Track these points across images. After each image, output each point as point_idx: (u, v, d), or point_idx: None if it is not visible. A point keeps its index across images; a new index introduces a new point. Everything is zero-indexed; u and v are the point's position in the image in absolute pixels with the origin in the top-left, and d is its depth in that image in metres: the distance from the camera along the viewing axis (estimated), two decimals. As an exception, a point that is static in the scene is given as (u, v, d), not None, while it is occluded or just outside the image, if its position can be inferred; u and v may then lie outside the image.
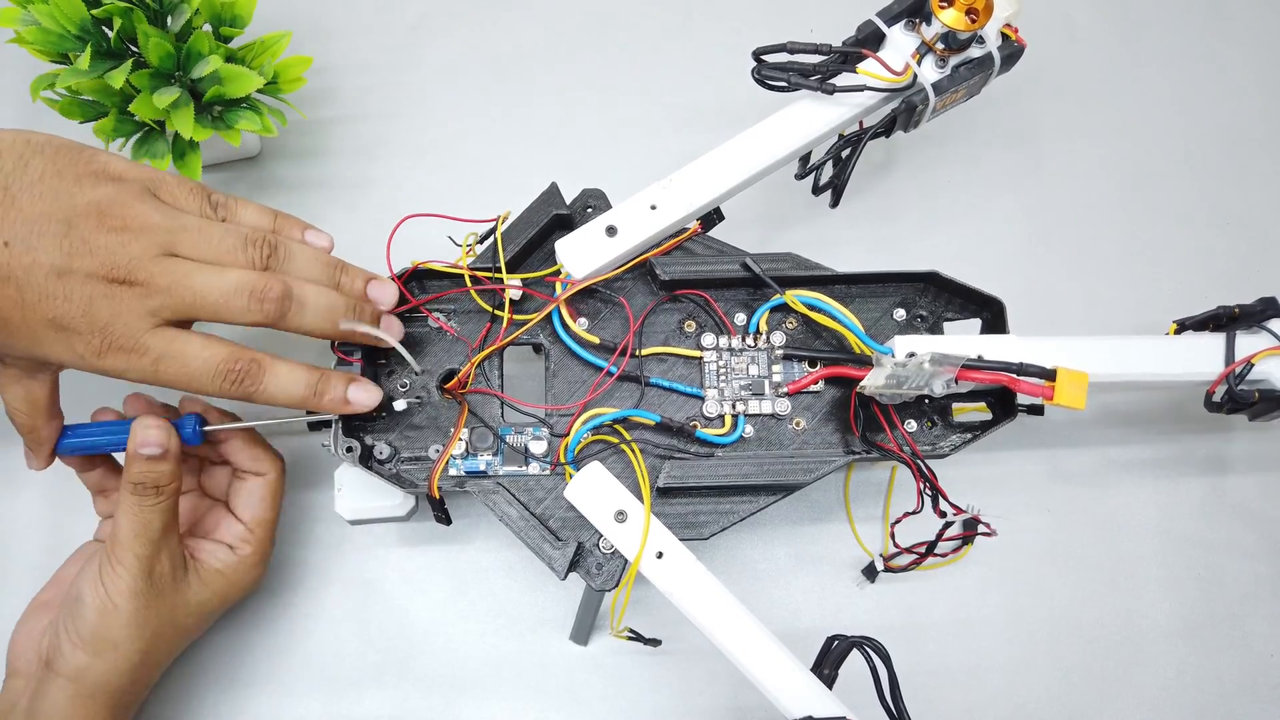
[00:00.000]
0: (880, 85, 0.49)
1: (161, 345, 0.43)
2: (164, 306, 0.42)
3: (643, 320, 0.50)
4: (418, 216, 0.49)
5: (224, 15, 0.54)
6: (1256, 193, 0.63)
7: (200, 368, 0.43)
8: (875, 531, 0.56)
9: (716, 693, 0.52)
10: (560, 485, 0.47)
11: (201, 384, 0.43)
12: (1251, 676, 0.54)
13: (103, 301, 0.41)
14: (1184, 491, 0.57)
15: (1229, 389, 0.49)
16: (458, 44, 0.65)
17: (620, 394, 0.49)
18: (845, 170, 0.52)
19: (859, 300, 0.50)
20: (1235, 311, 0.50)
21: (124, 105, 0.52)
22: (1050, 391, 0.43)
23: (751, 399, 0.49)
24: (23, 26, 0.51)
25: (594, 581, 0.45)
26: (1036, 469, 0.57)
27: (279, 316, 0.44)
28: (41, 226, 0.41)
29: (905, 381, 0.44)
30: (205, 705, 0.52)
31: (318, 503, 0.55)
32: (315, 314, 0.45)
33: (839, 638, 0.43)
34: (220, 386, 0.44)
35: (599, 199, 0.50)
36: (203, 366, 0.43)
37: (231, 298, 0.43)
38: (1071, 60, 0.66)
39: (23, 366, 0.45)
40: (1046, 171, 0.64)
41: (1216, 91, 0.66)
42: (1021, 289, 0.53)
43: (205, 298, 0.43)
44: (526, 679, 0.53)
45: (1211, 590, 0.55)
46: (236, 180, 0.61)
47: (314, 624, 0.53)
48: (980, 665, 0.54)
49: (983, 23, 0.48)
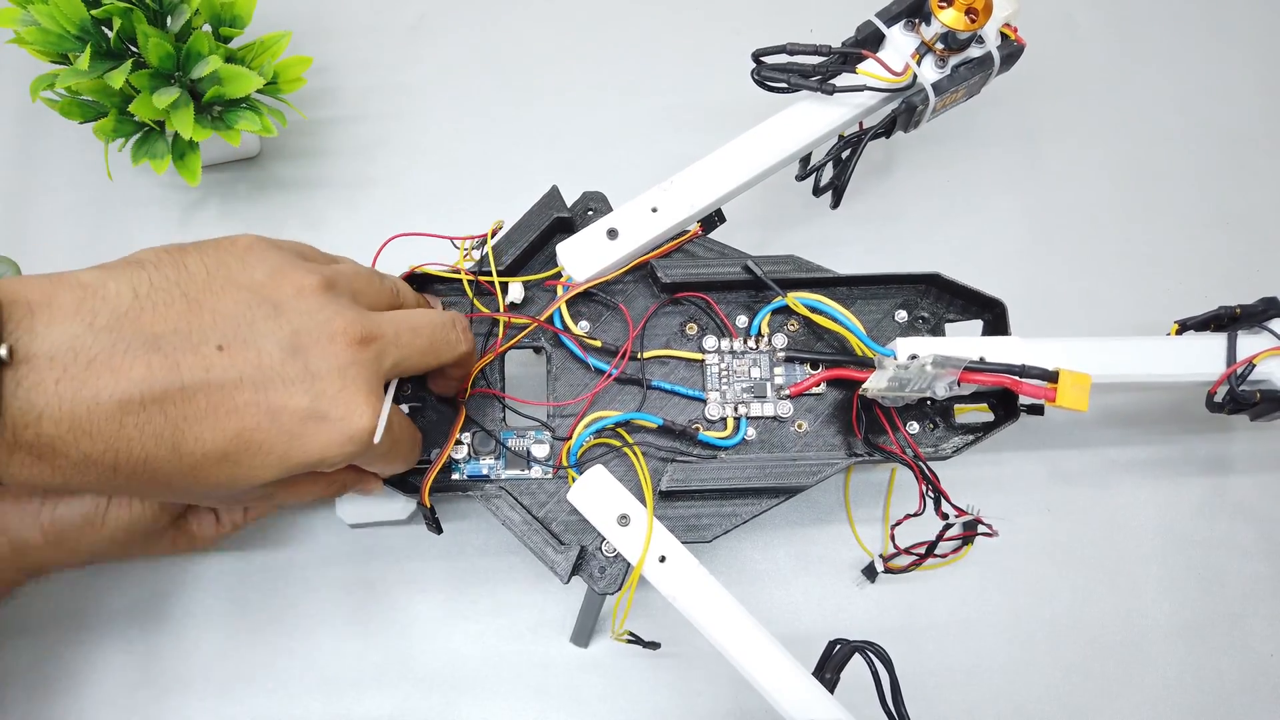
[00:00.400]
0: (880, 86, 0.49)
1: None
2: (398, 363, 0.39)
3: (644, 323, 0.49)
4: (404, 236, 0.48)
5: (224, 15, 0.53)
6: (1257, 193, 0.63)
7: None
8: (875, 532, 0.56)
9: (717, 695, 0.52)
10: (563, 489, 0.47)
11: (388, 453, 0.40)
12: (1251, 676, 0.54)
13: (352, 370, 0.36)
14: (1185, 491, 0.57)
15: (1230, 389, 0.49)
16: (458, 44, 0.65)
17: (622, 397, 0.49)
18: (846, 171, 0.52)
19: (860, 302, 0.50)
20: (1237, 312, 0.51)
21: (124, 105, 0.52)
22: (1052, 393, 0.43)
23: (753, 401, 0.49)
24: (22, 27, 0.51)
25: (597, 586, 0.45)
26: (1037, 469, 0.57)
27: (473, 343, 0.43)
28: (247, 314, 0.36)
29: (907, 384, 0.44)
30: (205, 705, 0.52)
31: (318, 503, 0.55)
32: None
33: (840, 642, 0.43)
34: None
35: (600, 201, 0.50)
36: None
37: (445, 331, 0.41)
38: (1071, 60, 0.66)
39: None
40: (1047, 171, 0.64)
41: (1216, 91, 0.66)
42: (1022, 289, 0.53)
43: (419, 335, 0.40)
44: (526, 680, 0.53)
45: (1212, 590, 0.55)
46: (236, 180, 0.61)
47: (314, 624, 0.53)
48: (980, 665, 0.54)
49: (982, 22, 0.48)
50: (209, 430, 0.34)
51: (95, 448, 0.32)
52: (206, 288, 0.35)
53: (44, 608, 0.52)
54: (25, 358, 0.31)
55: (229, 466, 0.35)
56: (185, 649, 0.52)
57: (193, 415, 0.34)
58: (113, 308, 0.33)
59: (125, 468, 0.33)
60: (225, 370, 0.34)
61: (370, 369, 0.37)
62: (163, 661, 0.52)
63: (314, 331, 0.36)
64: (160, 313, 0.34)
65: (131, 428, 0.33)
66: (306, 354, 0.36)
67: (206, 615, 0.53)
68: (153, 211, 0.60)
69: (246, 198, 0.61)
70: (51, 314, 0.32)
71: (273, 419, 0.35)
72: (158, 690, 0.51)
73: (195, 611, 0.53)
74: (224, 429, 0.34)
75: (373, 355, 0.37)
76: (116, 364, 0.32)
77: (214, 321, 0.35)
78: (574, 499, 0.45)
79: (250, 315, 0.35)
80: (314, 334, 0.36)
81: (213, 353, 0.34)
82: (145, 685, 0.52)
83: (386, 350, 0.38)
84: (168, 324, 0.34)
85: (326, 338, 0.36)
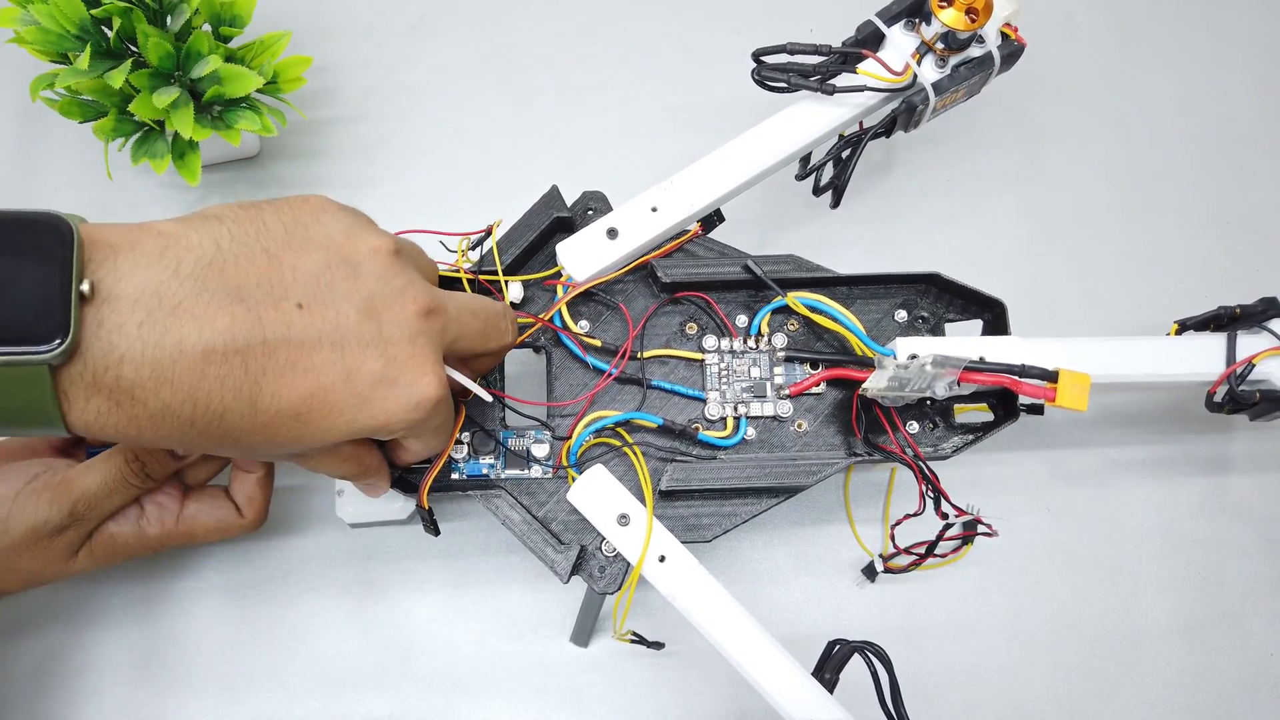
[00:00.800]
0: (880, 85, 0.49)
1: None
2: (456, 339, 0.39)
3: (644, 323, 0.49)
4: (403, 234, 0.48)
5: (224, 15, 0.53)
6: (1256, 193, 0.63)
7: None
8: (875, 532, 0.56)
9: (717, 695, 0.52)
10: (563, 488, 0.47)
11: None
12: (1251, 676, 0.54)
13: (421, 339, 0.36)
14: (1185, 491, 0.57)
15: (1230, 389, 0.49)
16: (458, 44, 0.65)
17: (622, 397, 0.49)
18: (846, 171, 0.52)
19: (860, 302, 0.50)
20: (1236, 312, 0.51)
21: (123, 105, 0.52)
22: (1052, 393, 0.43)
23: (753, 401, 0.49)
24: (22, 26, 0.51)
25: (597, 585, 0.45)
26: (1037, 469, 0.57)
27: (516, 338, 0.43)
28: (326, 274, 0.35)
29: (907, 384, 0.44)
30: (205, 705, 0.52)
31: (318, 503, 0.55)
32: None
33: (840, 642, 0.43)
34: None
35: (600, 201, 0.50)
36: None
37: (498, 319, 0.41)
38: (1071, 60, 0.66)
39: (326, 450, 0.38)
40: (1047, 171, 0.64)
41: (1216, 91, 0.66)
42: (1022, 289, 0.53)
43: (476, 316, 0.40)
44: (527, 680, 0.53)
45: (1211, 590, 0.55)
46: (236, 180, 0.61)
47: (314, 624, 0.53)
48: (980, 665, 0.54)
49: (982, 22, 0.48)
50: (285, 387, 0.34)
51: (175, 397, 0.32)
52: (286, 244, 0.35)
53: (44, 608, 0.52)
54: (108, 297, 0.31)
55: (298, 425, 0.35)
56: (185, 649, 0.52)
57: (272, 371, 0.33)
58: (196, 257, 0.33)
59: (201, 421, 0.33)
60: (306, 328, 0.34)
61: (435, 340, 0.37)
62: (163, 661, 0.52)
63: (388, 296, 0.36)
64: (243, 266, 0.33)
65: (213, 379, 0.32)
66: (380, 318, 0.35)
67: (206, 615, 0.53)
68: (153, 211, 0.60)
69: (246, 197, 0.60)
70: (135, 257, 0.32)
71: (346, 380, 0.35)
72: (158, 690, 0.51)
73: (195, 611, 0.53)
74: (299, 387, 0.34)
75: (438, 328, 0.37)
76: (200, 312, 0.32)
77: (295, 278, 0.34)
78: (574, 498, 0.45)
79: (330, 276, 0.35)
80: (388, 299, 0.36)
81: (293, 310, 0.34)
82: (145, 685, 0.52)
83: (448, 326, 0.38)
84: (250, 278, 0.33)
85: (399, 304, 0.36)
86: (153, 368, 0.31)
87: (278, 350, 0.33)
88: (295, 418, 0.34)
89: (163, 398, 0.32)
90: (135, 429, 0.32)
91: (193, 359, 0.32)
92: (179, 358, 0.31)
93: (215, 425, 0.33)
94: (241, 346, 0.33)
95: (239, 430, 0.34)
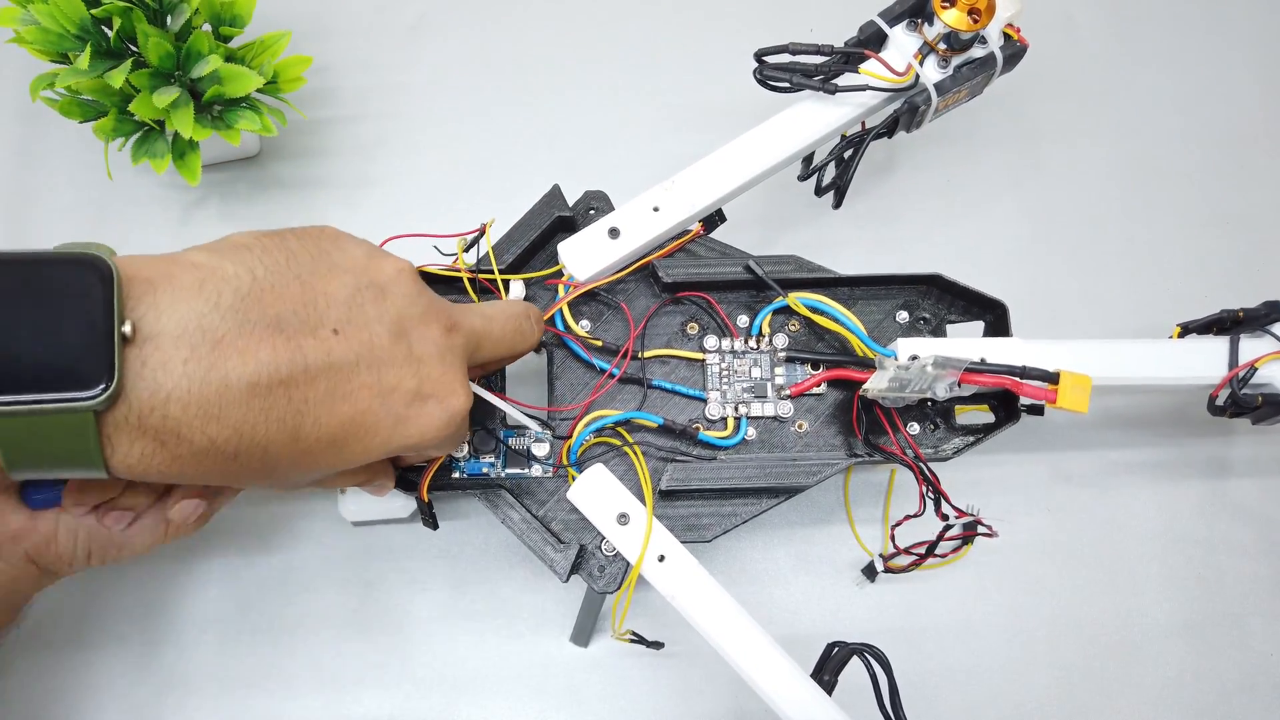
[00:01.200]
0: (883, 85, 0.49)
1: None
2: (478, 350, 0.40)
3: (645, 323, 0.49)
4: (401, 237, 0.47)
5: (224, 15, 0.53)
6: (1257, 193, 0.63)
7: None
8: (875, 532, 0.56)
9: (716, 695, 0.52)
10: (563, 488, 0.47)
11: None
12: (1251, 676, 0.54)
13: (449, 355, 0.37)
14: (1185, 493, 0.57)
15: (1232, 393, 0.49)
16: (458, 44, 0.65)
17: (623, 396, 0.49)
18: (848, 171, 0.52)
19: (862, 302, 0.50)
20: (1239, 315, 0.50)
21: (124, 105, 0.52)
22: (1053, 395, 0.43)
23: (754, 401, 0.49)
24: (22, 26, 0.51)
25: (596, 584, 0.45)
26: (1037, 470, 0.57)
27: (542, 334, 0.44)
28: (356, 297, 0.35)
29: (908, 384, 0.44)
30: (206, 705, 0.52)
31: (318, 503, 0.55)
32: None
33: (839, 644, 0.43)
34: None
35: (601, 201, 0.50)
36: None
37: (519, 321, 0.42)
38: (1071, 60, 0.66)
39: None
40: (1048, 172, 0.64)
41: (1216, 91, 0.66)
42: (1023, 289, 0.53)
43: (494, 323, 0.41)
44: (526, 680, 0.53)
45: (1211, 590, 0.55)
46: (236, 180, 0.61)
47: (314, 623, 0.53)
48: (980, 665, 0.54)
49: (985, 23, 0.48)
50: (326, 414, 0.34)
51: (221, 433, 0.31)
52: (314, 271, 0.35)
53: (45, 610, 0.52)
54: (150, 335, 0.30)
55: (334, 451, 0.35)
56: (186, 649, 0.52)
57: (314, 399, 0.33)
58: (234, 288, 0.32)
59: (245, 454, 0.32)
60: (344, 354, 0.34)
61: (461, 355, 0.38)
62: (163, 661, 0.52)
63: (415, 316, 0.36)
64: (279, 294, 0.33)
65: (258, 411, 0.32)
66: (409, 337, 0.36)
67: (206, 615, 0.53)
68: (153, 211, 0.60)
69: (246, 197, 0.61)
70: (174, 291, 0.31)
71: (383, 401, 0.35)
72: (158, 690, 0.51)
73: (195, 611, 0.53)
74: (340, 413, 0.34)
75: (461, 342, 0.38)
76: (243, 345, 0.32)
77: (328, 304, 0.34)
78: (574, 498, 0.45)
79: (360, 299, 0.35)
80: (414, 318, 0.36)
81: (330, 336, 0.34)
82: (145, 685, 0.52)
83: (470, 338, 0.39)
84: (286, 306, 0.33)
85: (424, 322, 0.37)
86: (199, 405, 0.31)
87: (319, 378, 0.33)
88: (333, 443, 0.35)
89: (209, 434, 0.31)
90: (178, 468, 0.32)
91: (238, 393, 0.31)
92: (224, 393, 0.31)
93: (258, 458, 0.33)
94: (285, 377, 0.32)
95: (279, 460, 0.34)
